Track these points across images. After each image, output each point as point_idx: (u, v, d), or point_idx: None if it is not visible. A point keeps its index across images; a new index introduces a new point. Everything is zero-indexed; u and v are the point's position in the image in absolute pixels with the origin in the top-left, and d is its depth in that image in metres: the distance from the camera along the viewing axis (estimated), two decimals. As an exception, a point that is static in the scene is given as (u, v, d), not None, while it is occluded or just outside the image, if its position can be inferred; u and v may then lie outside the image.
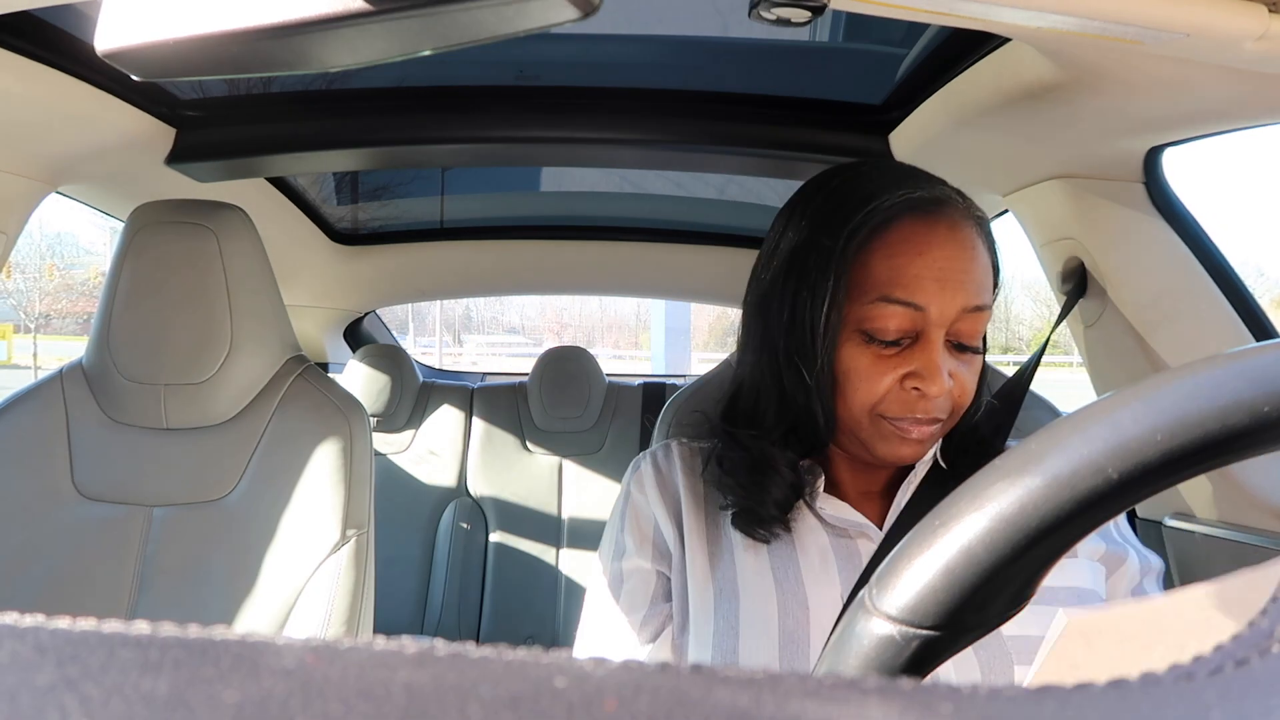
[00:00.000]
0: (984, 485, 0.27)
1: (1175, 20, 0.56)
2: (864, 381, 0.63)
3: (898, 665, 0.28)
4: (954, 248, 0.63)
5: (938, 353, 0.62)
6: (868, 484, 0.72)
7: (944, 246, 0.62)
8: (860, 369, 0.63)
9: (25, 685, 0.11)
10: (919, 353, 0.62)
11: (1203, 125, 0.86)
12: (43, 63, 0.89)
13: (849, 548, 0.67)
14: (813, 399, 0.65)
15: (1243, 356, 0.26)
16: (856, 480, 0.72)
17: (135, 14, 0.36)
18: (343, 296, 2.28)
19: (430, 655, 0.12)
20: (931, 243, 0.62)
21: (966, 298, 0.62)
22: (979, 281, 0.63)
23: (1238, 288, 1.06)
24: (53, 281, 27.23)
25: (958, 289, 0.62)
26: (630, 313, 47.02)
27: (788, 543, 0.68)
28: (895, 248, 0.63)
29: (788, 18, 0.65)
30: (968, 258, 0.63)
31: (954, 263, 0.62)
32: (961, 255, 0.63)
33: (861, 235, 0.63)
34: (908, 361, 0.62)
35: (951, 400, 0.63)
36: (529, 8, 0.35)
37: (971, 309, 0.62)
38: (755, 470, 0.68)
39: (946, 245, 0.63)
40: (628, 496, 0.75)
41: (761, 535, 0.68)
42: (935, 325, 0.62)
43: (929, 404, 0.62)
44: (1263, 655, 0.14)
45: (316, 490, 1.07)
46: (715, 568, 0.68)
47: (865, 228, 0.63)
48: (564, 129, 1.17)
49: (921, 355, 0.62)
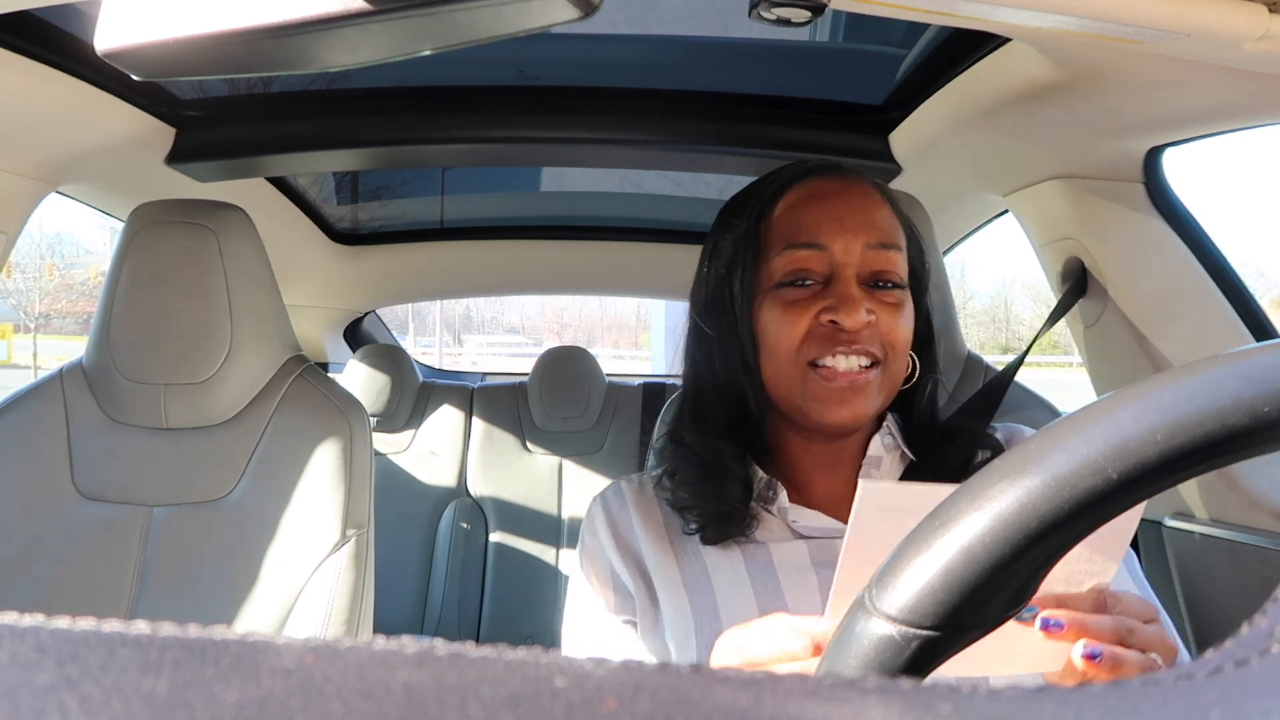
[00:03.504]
0: (984, 485, 0.27)
1: (1175, 20, 0.56)
2: (783, 327, 0.64)
3: (898, 665, 0.28)
4: (850, 194, 0.67)
5: (850, 286, 0.63)
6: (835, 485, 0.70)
7: (840, 194, 0.67)
8: (777, 318, 0.65)
9: (25, 685, 0.11)
10: (832, 290, 0.64)
11: (1203, 125, 0.86)
12: (43, 63, 0.89)
13: (829, 555, 0.65)
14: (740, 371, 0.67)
15: (1242, 357, 0.26)
16: (823, 484, 0.71)
17: (135, 14, 0.36)
18: (343, 296, 2.27)
19: (430, 655, 0.12)
20: (827, 192, 0.67)
21: (869, 235, 0.65)
22: (881, 224, 0.66)
23: (1238, 288, 1.06)
24: (53, 281, 27.24)
25: (859, 228, 0.65)
26: (630, 313, 47.02)
27: (766, 559, 0.66)
28: (794, 203, 0.67)
29: (787, 18, 0.65)
30: (866, 203, 0.67)
31: (852, 206, 0.66)
32: (859, 200, 0.67)
33: (764, 202, 0.68)
34: (823, 300, 0.64)
35: (880, 339, 0.64)
36: (529, 8, 0.35)
37: (877, 245, 0.65)
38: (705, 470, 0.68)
39: (842, 192, 0.67)
40: (583, 544, 0.75)
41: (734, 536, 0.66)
42: (843, 264, 0.64)
43: (850, 337, 0.63)
44: (1262, 655, 0.14)
45: (316, 490, 1.07)
46: (691, 594, 0.66)
47: (766, 195, 0.69)
48: (564, 129, 1.17)
49: (834, 290, 0.64)
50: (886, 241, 0.65)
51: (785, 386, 0.66)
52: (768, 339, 0.66)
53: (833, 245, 0.64)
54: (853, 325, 0.62)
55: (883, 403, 0.66)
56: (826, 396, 0.63)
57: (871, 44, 1.08)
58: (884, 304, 0.64)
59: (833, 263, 0.64)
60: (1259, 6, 0.56)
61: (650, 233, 2.01)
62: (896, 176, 1.19)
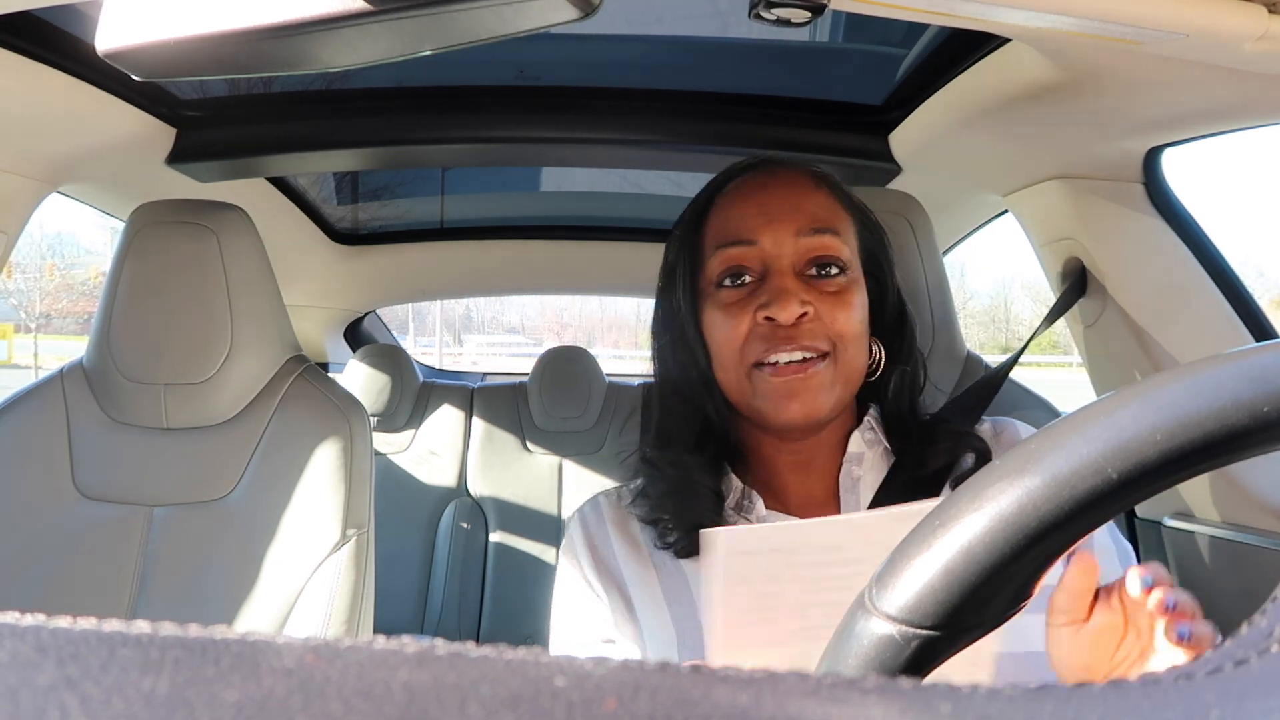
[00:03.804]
0: (983, 485, 0.27)
1: (1175, 20, 0.56)
2: (725, 331, 0.64)
3: (898, 665, 0.28)
4: (778, 186, 0.66)
5: (782, 279, 0.62)
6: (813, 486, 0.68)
7: (767, 188, 0.66)
8: (719, 320, 0.65)
9: (26, 684, 0.11)
10: (766, 285, 0.63)
11: (1203, 125, 0.86)
12: (43, 63, 0.89)
13: None
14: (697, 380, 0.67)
15: (1242, 357, 0.26)
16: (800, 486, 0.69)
17: (136, 14, 0.36)
18: (343, 296, 2.27)
19: (430, 655, 0.12)
20: (754, 189, 0.67)
21: (799, 223, 0.64)
22: (811, 210, 0.65)
23: (1237, 288, 1.06)
24: (53, 281, 27.26)
25: (787, 218, 0.64)
26: (630, 313, 46.99)
27: None
28: (725, 203, 0.67)
29: (787, 18, 0.65)
30: (793, 191, 0.66)
31: (779, 198, 0.65)
32: (786, 191, 0.66)
33: (700, 207, 0.69)
34: (759, 297, 0.63)
35: (825, 331, 0.62)
36: (529, 8, 0.35)
37: (808, 231, 0.64)
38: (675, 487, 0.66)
39: (769, 186, 0.66)
40: (561, 564, 0.73)
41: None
42: (774, 255, 0.63)
43: (787, 333, 0.62)
44: (1262, 655, 0.14)
45: (316, 490, 1.07)
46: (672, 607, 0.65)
47: (702, 200, 0.69)
48: (564, 129, 1.17)
49: (768, 286, 0.63)
50: (819, 226, 0.64)
51: (736, 389, 0.65)
52: (714, 343, 0.65)
53: (761, 239, 0.64)
54: (786, 319, 0.61)
55: (841, 396, 0.64)
56: (774, 394, 0.62)
57: (871, 44, 1.08)
58: (824, 294, 0.63)
59: (764, 257, 0.64)
60: (1259, 7, 0.56)
61: (650, 233, 2.01)
62: (896, 176, 1.19)
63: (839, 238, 0.65)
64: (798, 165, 0.69)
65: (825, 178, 0.69)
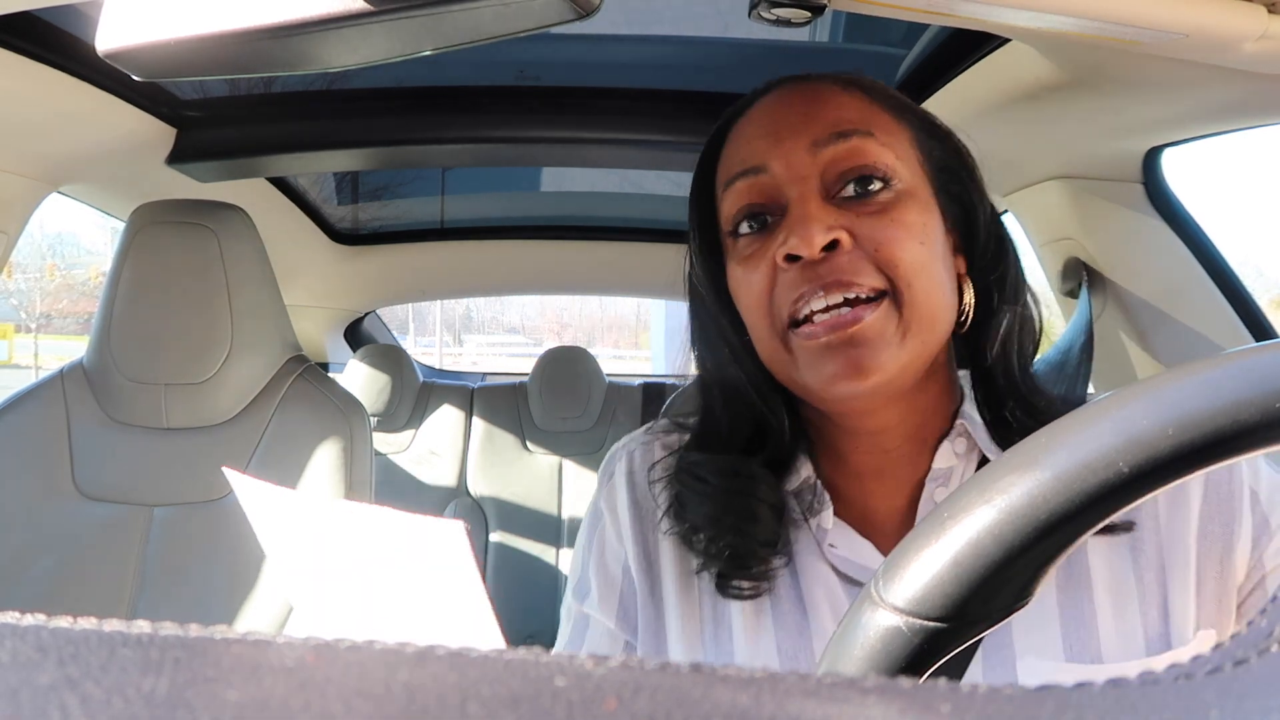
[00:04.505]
0: (993, 478, 0.27)
1: (1174, 20, 0.56)
2: (745, 286, 0.51)
3: (904, 657, 0.28)
4: (792, 98, 0.52)
5: (803, 204, 0.48)
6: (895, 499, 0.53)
7: (776, 108, 0.53)
8: (740, 277, 0.52)
9: (26, 684, 0.11)
10: (786, 220, 0.49)
11: (1203, 125, 0.86)
12: (43, 63, 0.89)
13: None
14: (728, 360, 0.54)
15: (1254, 353, 0.26)
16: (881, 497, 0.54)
17: (136, 14, 0.37)
18: (343, 296, 2.28)
19: (430, 655, 0.12)
20: (762, 112, 0.53)
21: (814, 131, 0.50)
22: (833, 115, 0.51)
23: (1237, 288, 1.06)
24: (54, 281, 27.28)
25: (799, 130, 0.50)
26: (630, 313, 47.00)
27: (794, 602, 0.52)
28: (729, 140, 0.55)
29: (788, 18, 0.65)
30: (810, 99, 0.52)
31: (789, 111, 0.52)
32: (800, 101, 0.52)
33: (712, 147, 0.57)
34: (778, 236, 0.49)
35: (873, 259, 0.47)
36: (529, 8, 0.35)
37: (829, 139, 0.50)
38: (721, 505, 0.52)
39: (780, 104, 0.53)
40: (597, 518, 0.59)
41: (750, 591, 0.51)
42: (789, 180, 0.50)
43: (816, 270, 0.47)
44: (1261, 655, 0.14)
45: (317, 490, 1.07)
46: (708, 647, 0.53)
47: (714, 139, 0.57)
48: (564, 129, 1.17)
49: (787, 220, 0.49)
50: (842, 130, 0.50)
51: (776, 362, 0.51)
52: (743, 308, 0.52)
53: (770, 162, 0.50)
54: (809, 252, 0.47)
55: (915, 353, 0.48)
56: (815, 357, 0.47)
57: (871, 44, 1.08)
58: (864, 215, 0.48)
59: (777, 184, 0.50)
60: (1259, 7, 0.56)
61: (651, 233, 2.01)
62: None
63: (873, 139, 0.50)
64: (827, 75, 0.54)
65: (857, 81, 0.54)
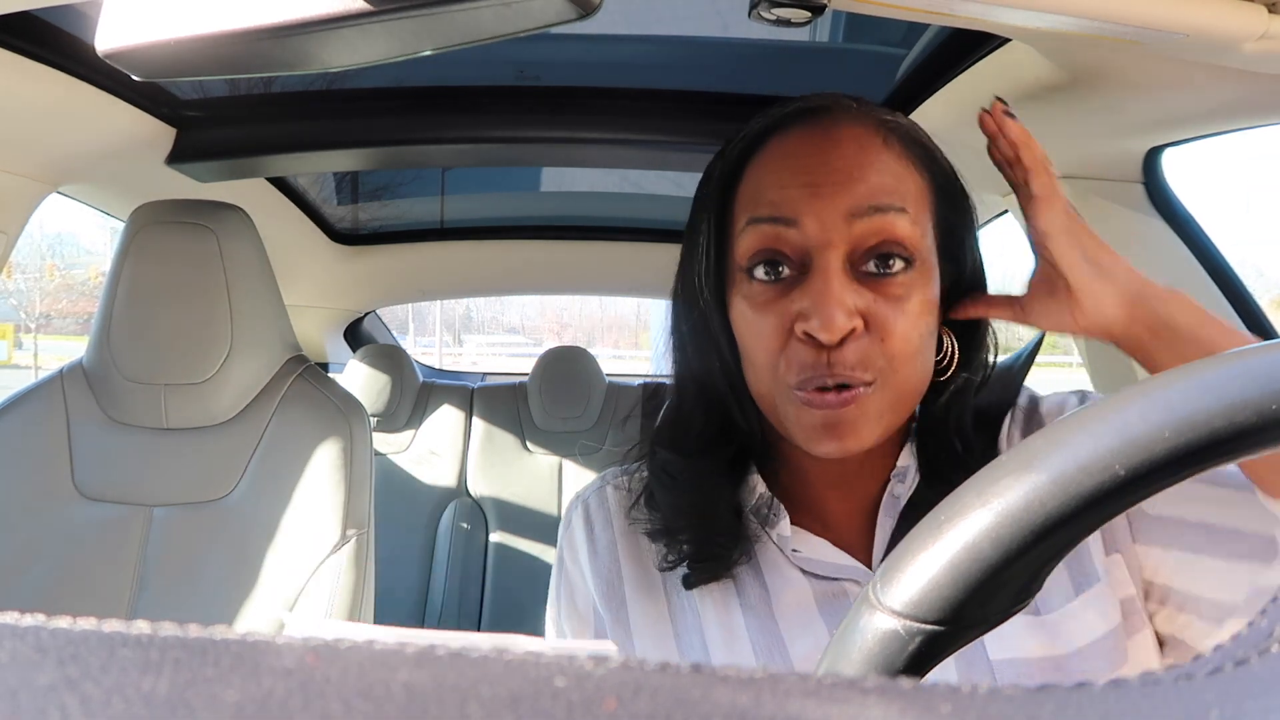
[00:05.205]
0: (990, 481, 0.27)
1: (1174, 20, 0.56)
2: (755, 335, 0.51)
3: (901, 660, 0.28)
4: (831, 147, 0.51)
5: (827, 278, 0.48)
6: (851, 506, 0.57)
7: (819, 149, 0.51)
8: (749, 318, 0.52)
9: (26, 685, 0.11)
10: (807, 286, 0.49)
11: (1203, 125, 0.86)
12: (43, 63, 0.89)
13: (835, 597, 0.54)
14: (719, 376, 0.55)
15: (1250, 355, 0.26)
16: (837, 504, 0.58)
17: (136, 14, 0.37)
18: (343, 296, 2.28)
19: (430, 655, 0.12)
20: (802, 149, 0.52)
21: (853, 199, 0.49)
22: (874, 181, 0.50)
23: (1237, 288, 1.06)
24: (53, 281, 27.30)
25: (838, 192, 0.49)
26: (630, 313, 47.03)
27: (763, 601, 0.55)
28: (764, 162, 0.53)
29: (787, 18, 0.65)
30: (851, 155, 0.51)
31: (830, 164, 0.50)
32: (841, 154, 0.51)
33: (733, 162, 0.55)
34: (796, 301, 0.49)
35: (879, 351, 0.49)
36: (529, 8, 0.35)
37: (867, 212, 0.49)
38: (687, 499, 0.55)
39: (822, 147, 0.51)
40: (561, 565, 0.63)
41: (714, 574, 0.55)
42: (819, 245, 0.49)
43: (831, 356, 0.48)
44: (1262, 655, 0.14)
45: (316, 490, 1.07)
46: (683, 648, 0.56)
47: (735, 153, 0.55)
48: (564, 129, 1.17)
49: (809, 286, 0.49)
50: (880, 203, 0.49)
51: (768, 405, 0.53)
52: (743, 341, 0.53)
53: (804, 219, 0.49)
54: (829, 338, 0.47)
55: (891, 423, 0.51)
56: (809, 427, 0.50)
57: (871, 44, 1.08)
58: (881, 296, 0.49)
59: (806, 244, 0.50)
60: (1259, 6, 0.56)
61: (651, 233, 2.01)
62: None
63: (906, 215, 0.50)
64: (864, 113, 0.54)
65: (897, 128, 0.54)
